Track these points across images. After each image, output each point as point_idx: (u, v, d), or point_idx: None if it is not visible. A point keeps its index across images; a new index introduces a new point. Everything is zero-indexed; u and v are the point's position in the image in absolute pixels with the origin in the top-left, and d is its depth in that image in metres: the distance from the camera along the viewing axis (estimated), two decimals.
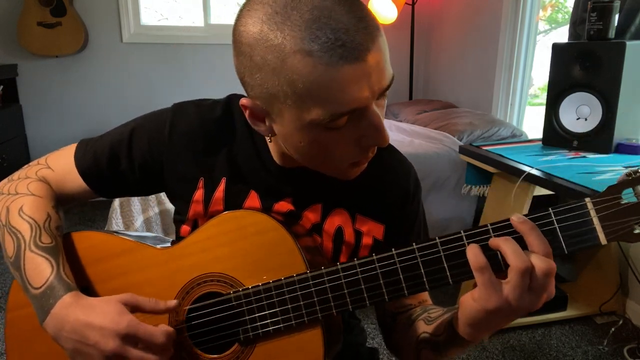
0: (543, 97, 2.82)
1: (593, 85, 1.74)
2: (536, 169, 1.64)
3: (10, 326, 0.78)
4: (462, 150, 2.05)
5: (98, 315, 0.63)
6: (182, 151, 0.75)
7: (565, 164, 1.67)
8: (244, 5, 0.59)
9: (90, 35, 3.26)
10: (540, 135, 1.97)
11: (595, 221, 0.53)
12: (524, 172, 1.63)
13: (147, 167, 0.77)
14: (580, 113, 1.80)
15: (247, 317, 0.67)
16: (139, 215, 2.03)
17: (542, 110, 1.93)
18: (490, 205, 1.98)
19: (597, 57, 1.71)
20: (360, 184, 0.72)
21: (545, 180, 1.57)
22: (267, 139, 0.71)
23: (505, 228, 0.56)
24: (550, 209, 0.55)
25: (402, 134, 2.78)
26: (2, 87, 3.01)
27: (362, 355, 0.90)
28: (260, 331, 0.66)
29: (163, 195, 1.64)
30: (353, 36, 0.53)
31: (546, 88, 1.90)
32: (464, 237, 0.57)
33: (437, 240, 0.58)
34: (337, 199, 0.75)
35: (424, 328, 0.70)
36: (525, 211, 1.80)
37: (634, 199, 0.53)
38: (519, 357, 1.85)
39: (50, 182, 0.80)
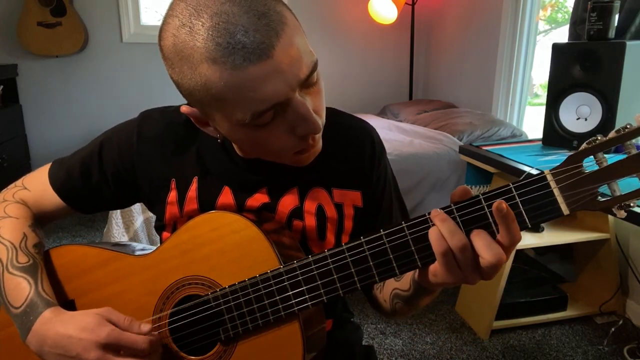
0: (543, 97, 2.82)
1: (593, 85, 1.74)
2: (536, 169, 1.64)
3: (3, 344, 0.79)
4: (462, 150, 2.05)
5: (77, 328, 0.65)
6: (152, 156, 0.77)
7: None
8: (162, 20, 0.60)
9: (90, 35, 3.26)
10: (540, 135, 1.97)
11: (556, 192, 0.53)
12: (524, 172, 1.63)
13: (120, 176, 0.79)
14: (580, 113, 1.80)
15: (226, 317, 0.68)
16: (139, 216, 2.03)
17: (542, 110, 1.93)
18: None
19: (597, 57, 1.71)
20: (328, 158, 0.73)
21: None
22: (218, 139, 0.72)
23: (468, 207, 0.56)
24: (510, 183, 0.55)
25: (402, 134, 2.78)
26: (2, 87, 3.01)
27: (357, 354, 0.91)
28: (240, 329, 0.67)
29: None
30: (253, 36, 0.54)
31: (546, 87, 1.90)
32: (430, 220, 0.57)
33: (404, 225, 0.58)
34: (311, 178, 0.76)
35: (394, 284, 0.73)
36: None
37: (595, 167, 0.53)
38: (519, 357, 1.85)
39: (28, 202, 0.82)
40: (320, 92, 0.64)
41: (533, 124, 3.04)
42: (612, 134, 0.52)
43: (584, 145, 0.53)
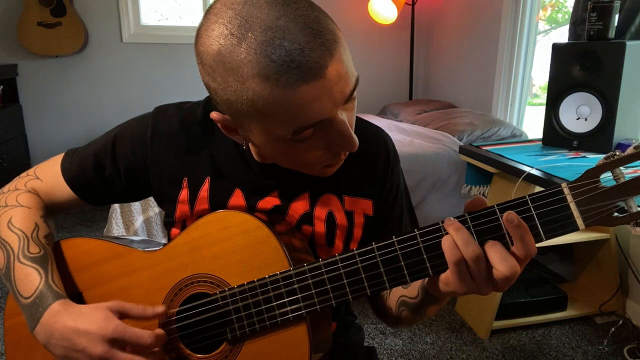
0: (543, 97, 2.82)
1: (593, 85, 1.74)
2: (536, 169, 1.64)
3: (9, 333, 0.79)
4: (462, 150, 2.05)
5: (85, 321, 0.65)
6: (165, 153, 0.77)
7: (566, 164, 1.67)
8: (201, 23, 0.59)
9: (90, 35, 3.26)
10: (540, 135, 1.97)
11: (573, 206, 0.53)
12: (524, 172, 1.63)
13: (132, 171, 0.78)
14: (580, 113, 1.80)
15: (233, 316, 0.68)
16: (139, 216, 2.03)
17: (542, 110, 1.93)
18: None
19: (597, 57, 1.71)
20: (342, 165, 0.73)
21: (545, 181, 1.57)
22: (243, 145, 0.72)
23: (482, 217, 0.55)
24: (527, 196, 0.54)
25: (402, 134, 2.78)
26: (2, 87, 3.01)
27: (359, 355, 0.90)
28: (247, 329, 0.67)
29: None
30: (309, 55, 0.53)
31: (546, 88, 1.90)
32: (443, 228, 0.57)
33: (417, 232, 0.58)
34: (323, 184, 0.76)
35: (401, 292, 0.72)
36: None
37: (612, 182, 0.52)
38: (519, 357, 1.85)
39: (40, 192, 0.82)
40: (355, 107, 0.64)
41: (533, 124, 3.04)
42: (630, 150, 0.51)
43: (601, 160, 0.52)
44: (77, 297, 0.76)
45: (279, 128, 0.58)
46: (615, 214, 0.52)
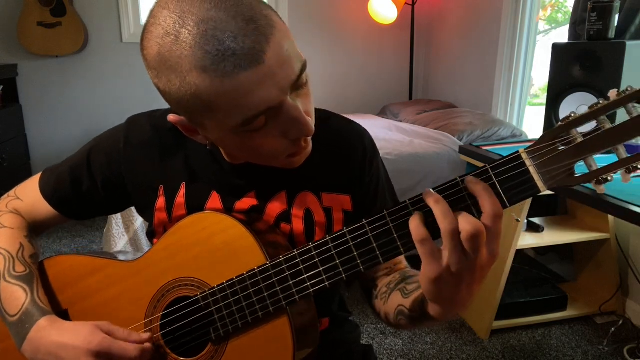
0: (543, 97, 2.82)
1: (593, 85, 1.74)
2: None
3: (2, 356, 0.79)
4: (462, 150, 2.05)
5: (72, 336, 0.66)
6: (139, 162, 0.77)
7: None
8: (143, 29, 0.59)
9: (90, 35, 3.27)
10: (540, 135, 1.97)
11: (532, 170, 0.53)
12: None
13: (109, 183, 0.79)
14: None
15: (216, 316, 0.68)
16: (139, 216, 2.03)
17: (542, 110, 1.93)
18: None
19: (597, 57, 1.71)
20: (318, 162, 0.72)
21: None
22: (207, 146, 0.71)
23: (451, 189, 0.56)
24: (487, 165, 0.55)
25: (402, 134, 2.78)
26: (2, 87, 3.01)
27: (355, 353, 0.90)
28: (229, 327, 0.67)
29: None
30: (242, 42, 0.52)
31: (546, 88, 1.90)
32: (410, 206, 0.57)
33: (385, 212, 0.59)
34: (299, 182, 0.76)
35: (400, 301, 0.70)
36: (526, 212, 1.80)
37: (572, 143, 0.52)
38: (519, 357, 1.85)
39: (22, 212, 0.82)
40: (310, 94, 0.63)
41: (533, 124, 3.04)
42: (586, 110, 0.52)
43: (558, 123, 0.53)
44: (63, 314, 0.76)
45: (229, 119, 0.57)
46: (576, 173, 0.52)
